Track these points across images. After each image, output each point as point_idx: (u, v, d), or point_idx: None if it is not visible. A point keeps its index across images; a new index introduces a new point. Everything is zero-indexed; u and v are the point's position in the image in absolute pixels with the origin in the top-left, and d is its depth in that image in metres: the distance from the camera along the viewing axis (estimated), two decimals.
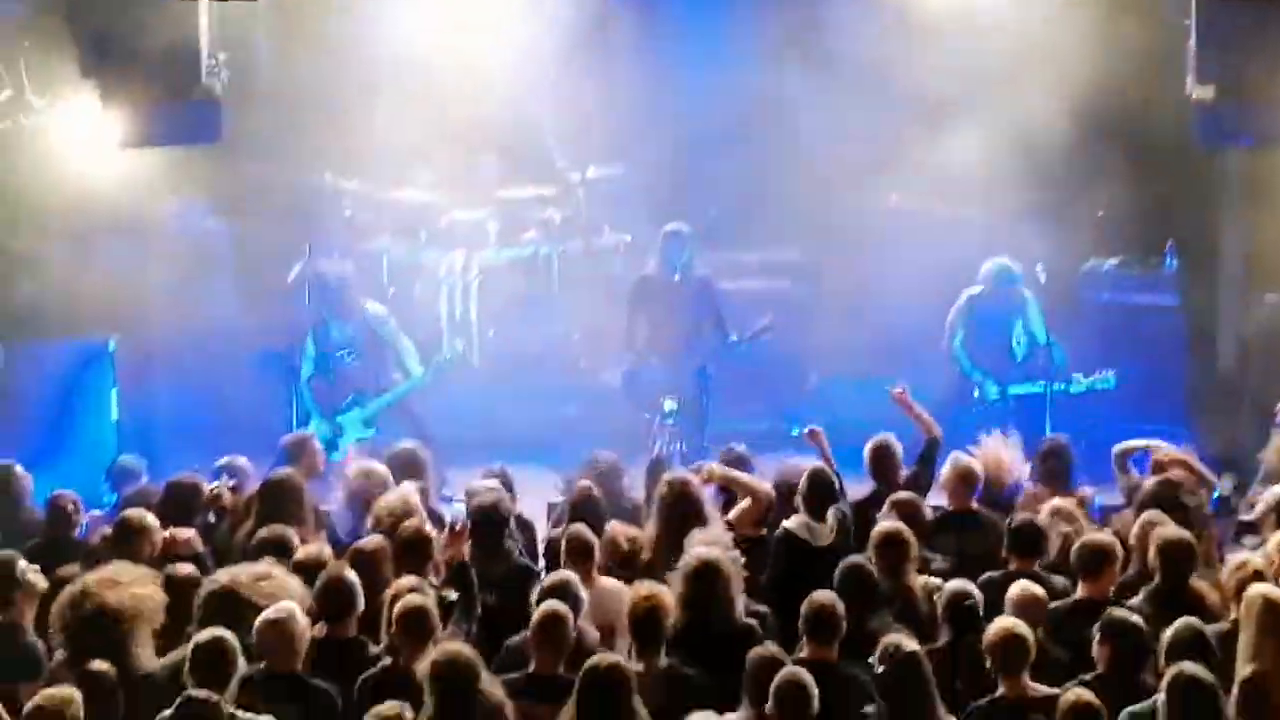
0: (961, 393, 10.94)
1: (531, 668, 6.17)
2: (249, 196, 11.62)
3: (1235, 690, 5.74)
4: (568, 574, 6.70)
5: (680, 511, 7.42)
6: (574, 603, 6.38)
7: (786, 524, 7.58)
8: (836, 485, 7.77)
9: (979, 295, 10.98)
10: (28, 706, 5.59)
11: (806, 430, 8.59)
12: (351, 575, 6.51)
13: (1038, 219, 11.39)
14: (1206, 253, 11.64)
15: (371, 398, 10.56)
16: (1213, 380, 11.56)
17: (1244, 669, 5.87)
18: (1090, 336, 11.36)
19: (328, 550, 7.13)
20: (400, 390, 10.57)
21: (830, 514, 7.57)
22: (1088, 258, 11.79)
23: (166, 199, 11.33)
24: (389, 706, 5.55)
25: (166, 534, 7.32)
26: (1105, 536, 7.17)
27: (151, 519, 7.36)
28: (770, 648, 6.13)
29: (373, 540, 7.02)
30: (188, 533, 7.39)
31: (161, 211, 11.33)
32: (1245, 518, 7.97)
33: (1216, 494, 8.24)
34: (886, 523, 7.25)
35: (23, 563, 6.76)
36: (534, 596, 6.57)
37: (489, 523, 7.30)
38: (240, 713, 5.71)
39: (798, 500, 7.66)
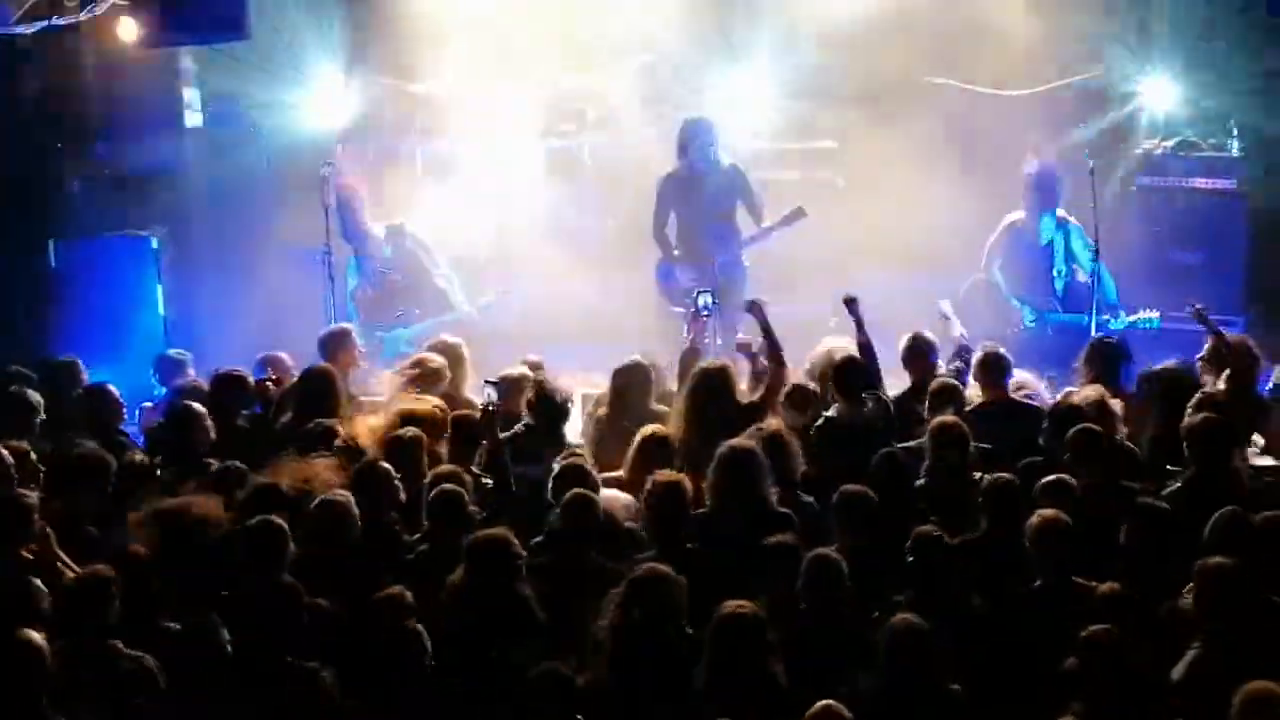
0: (1000, 314, 10.67)
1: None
2: (278, 91, 11.68)
3: None
4: (579, 459, 6.89)
5: (707, 395, 7.55)
6: (591, 485, 6.58)
7: (827, 413, 7.66)
8: (869, 368, 7.78)
9: (1019, 223, 10.72)
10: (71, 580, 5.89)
11: (844, 297, 8.36)
12: (385, 464, 6.77)
13: (1088, 99, 11.09)
14: (1272, 134, 11.10)
15: (414, 318, 10.79)
16: (1274, 267, 11.13)
17: None
18: (1144, 223, 11.02)
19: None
20: (444, 320, 10.74)
21: (867, 397, 7.61)
22: (1143, 140, 11.41)
23: (199, 94, 11.49)
24: (393, 589, 5.75)
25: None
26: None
27: (201, 409, 7.69)
28: (790, 536, 6.21)
29: (409, 430, 7.26)
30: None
31: (195, 107, 11.50)
32: None
33: (1271, 383, 8.18)
34: (945, 416, 7.20)
35: None
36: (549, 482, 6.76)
37: (551, 406, 7.53)
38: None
39: (832, 387, 7.72)
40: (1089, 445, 6.86)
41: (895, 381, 8.32)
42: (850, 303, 8.22)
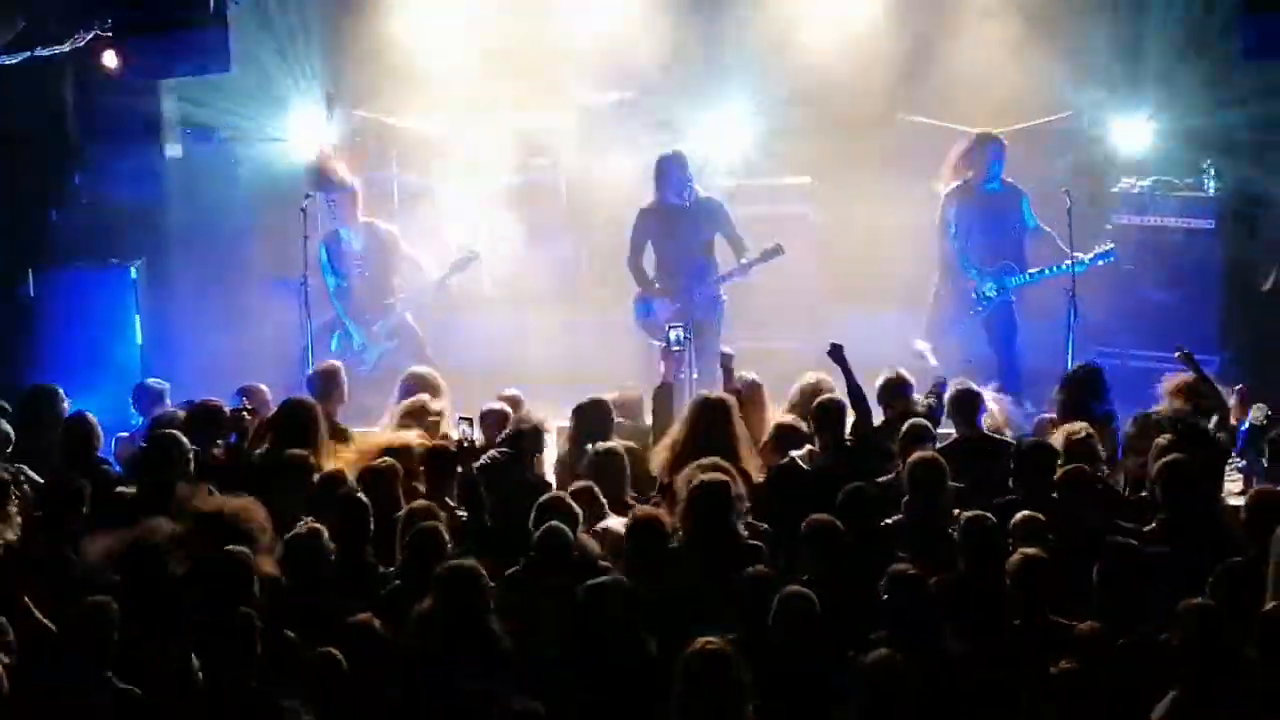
0: (963, 304, 10.75)
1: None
2: (257, 122, 11.78)
3: (1257, 624, 5.64)
4: (560, 492, 6.93)
5: (710, 427, 7.59)
6: (570, 519, 6.62)
7: (794, 453, 7.71)
8: (848, 411, 7.78)
9: (963, 187, 10.70)
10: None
11: (828, 347, 8.25)
12: (363, 497, 6.82)
13: (1064, 137, 11.11)
14: (1248, 174, 11.12)
15: (389, 310, 10.91)
16: (1249, 307, 11.18)
17: (1268, 603, 5.78)
18: (1120, 261, 10.94)
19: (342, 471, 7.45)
20: (418, 298, 10.98)
21: (839, 442, 7.63)
22: (1119, 179, 11.45)
23: (178, 125, 11.57)
24: (362, 616, 5.81)
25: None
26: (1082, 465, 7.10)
27: (182, 438, 7.73)
28: (763, 568, 6.25)
29: (384, 461, 7.33)
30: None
31: (175, 138, 11.57)
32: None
33: (1247, 424, 8.15)
34: (921, 452, 7.19)
35: None
36: (531, 515, 6.81)
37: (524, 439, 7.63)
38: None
39: (811, 427, 7.76)
40: (1082, 485, 6.89)
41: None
42: (836, 351, 8.18)
